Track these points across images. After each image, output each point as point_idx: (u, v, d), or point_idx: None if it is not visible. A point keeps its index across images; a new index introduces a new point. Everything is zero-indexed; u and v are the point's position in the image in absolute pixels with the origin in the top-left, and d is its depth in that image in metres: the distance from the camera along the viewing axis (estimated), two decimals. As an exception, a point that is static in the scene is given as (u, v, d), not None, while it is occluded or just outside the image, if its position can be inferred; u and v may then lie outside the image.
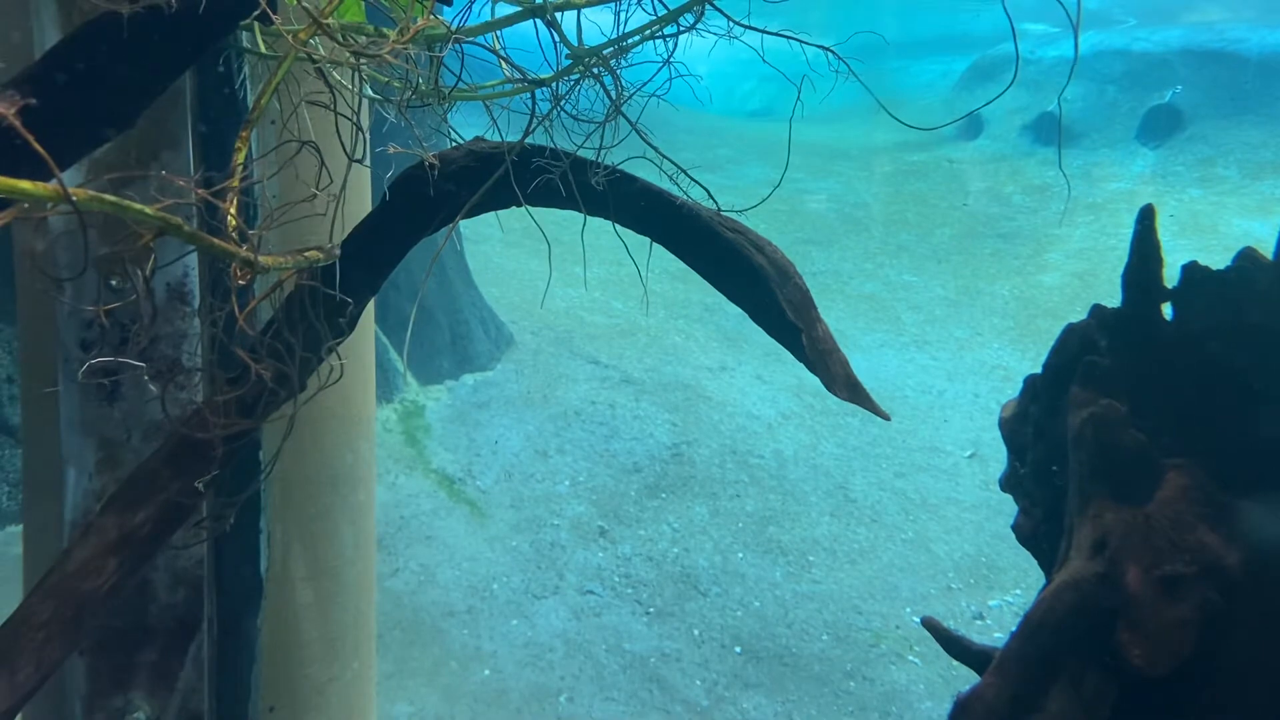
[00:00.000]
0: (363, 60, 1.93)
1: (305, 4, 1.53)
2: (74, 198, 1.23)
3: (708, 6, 2.08)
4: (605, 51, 2.14)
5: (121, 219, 1.38)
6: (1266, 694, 2.31)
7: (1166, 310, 2.72)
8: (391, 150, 2.11)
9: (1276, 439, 2.48)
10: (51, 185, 1.22)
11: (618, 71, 2.17)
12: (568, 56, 2.17)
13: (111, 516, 1.92)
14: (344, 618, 2.97)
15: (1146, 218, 2.73)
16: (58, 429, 2.28)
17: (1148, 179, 13.74)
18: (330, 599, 2.92)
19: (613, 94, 2.13)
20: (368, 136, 2.18)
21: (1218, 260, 2.70)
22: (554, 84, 2.17)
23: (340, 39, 1.73)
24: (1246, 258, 2.61)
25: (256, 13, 1.57)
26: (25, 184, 1.20)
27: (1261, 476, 2.44)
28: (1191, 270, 2.66)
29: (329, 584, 2.91)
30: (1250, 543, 2.36)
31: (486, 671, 5.13)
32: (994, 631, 5.77)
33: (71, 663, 2.20)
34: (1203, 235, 11.88)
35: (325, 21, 1.66)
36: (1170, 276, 2.72)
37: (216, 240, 1.45)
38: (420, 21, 1.83)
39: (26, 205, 1.28)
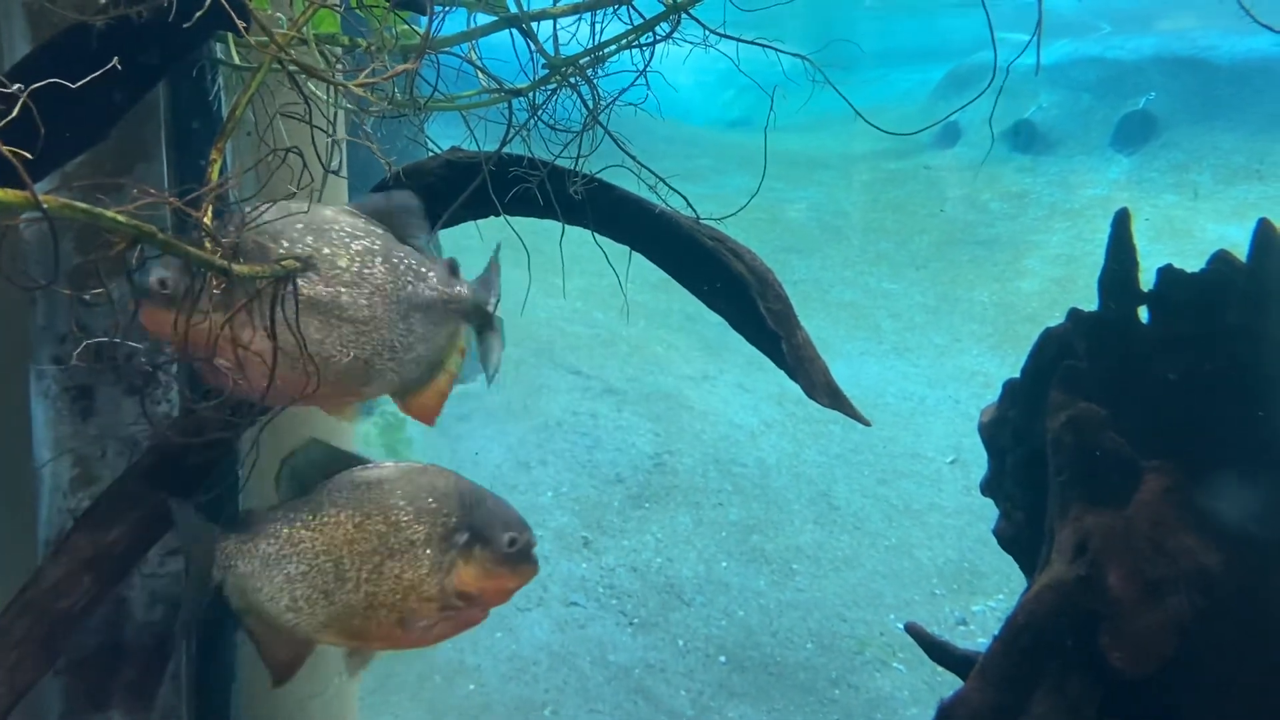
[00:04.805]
0: (338, 75, 1.92)
1: (278, 18, 1.52)
2: (45, 205, 1.22)
3: (685, 16, 2.09)
4: (582, 61, 2.14)
5: (94, 235, 1.36)
6: (1250, 693, 2.32)
7: (1143, 313, 2.73)
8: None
9: (1254, 439, 2.49)
10: (22, 192, 1.20)
11: (595, 81, 2.17)
12: (544, 66, 2.17)
13: (85, 533, 1.90)
14: (325, 633, 2.94)
15: (1122, 222, 2.75)
16: (30, 445, 2.25)
17: (1123, 185, 13.85)
18: (311, 614, 2.88)
19: (590, 103, 2.13)
20: (344, 147, 2.17)
21: (1193, 265, 2.71)
22: (531, 94, 2.17)
23: (309, 52, 1.72)
24: (1221, 261, 2.63)
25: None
26: (-6, 193, 1.18)
27: (1240, 477, 2.46)
28: (1167, 274, 2.68)
29: (309, 599, 2.88)
30: (1230, 543, 2.37)
31: (471, 686, 5.09)
32: (978, 637, 5.78)
33: (47, 682, 2.17)
34: (1178, 240, 11.98)
35: (300, 33, 1.65)
36: (1146, 281, 2.74)
37: (192, 248, 1.43)
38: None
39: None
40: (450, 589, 1.76)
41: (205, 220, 1.52)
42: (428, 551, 1.74)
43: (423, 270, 1.76)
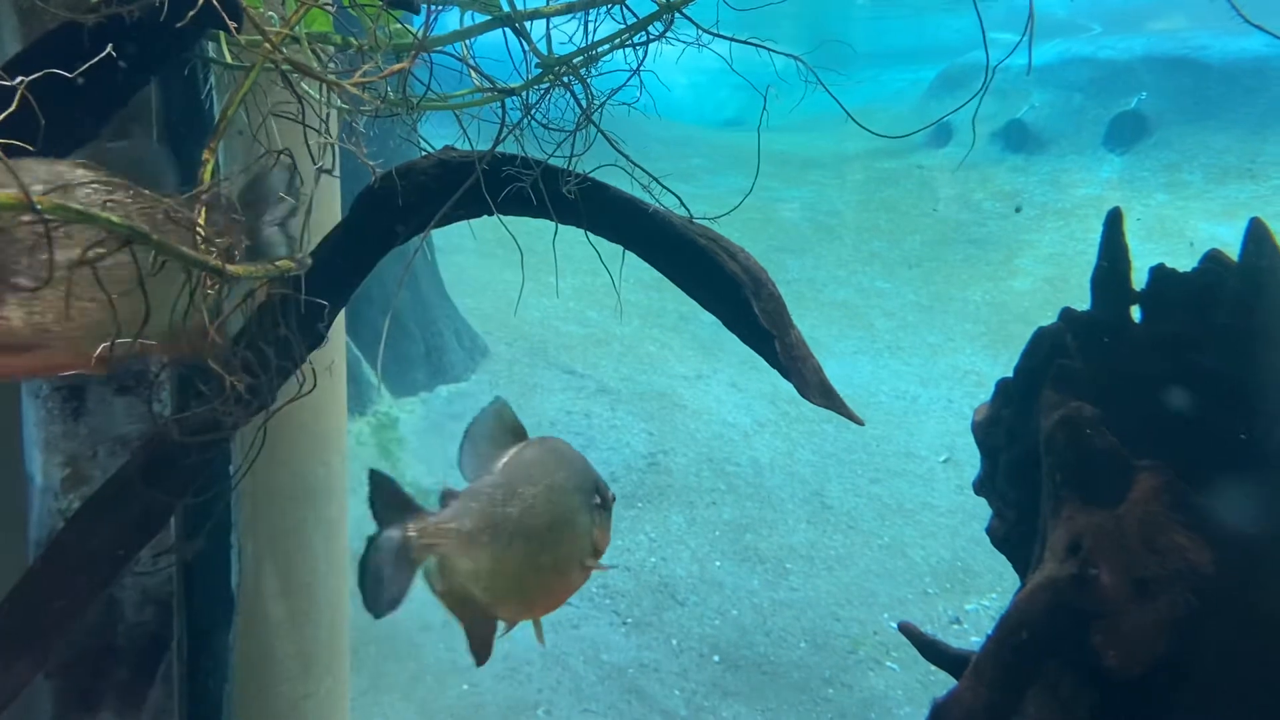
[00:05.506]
0: (331, 74, 1.91)
1: (270, 17, 1.51)
2: (38, 205, 1.21)
3: (678, 16, 2.09)
4: (575, 60, 2.14)
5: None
6: (1243, 692, 2.33)
7: (1135, 313, 2.74)
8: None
9: (1245, 439, 2.50)
10: (14, 192, 1.19)
11: (588, 80, 2.17)
12: (537, 65, 2.17)
13: (77, 533, 1.89)
14: (317, 633, 2.93)
15: (1114, 221, 2.76)
16: (20, 446, 2.24)
17: (1115, 184, 13.90)
18: (303, 615, 2.88)
19: (583, 102, 2.13)
20: (336, 146, 2.17)
21: (1184, 264, 2.72)
22: (524, 93, 2.16)
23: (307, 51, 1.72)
24: (1213, 260, 2.64)
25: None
26: (-16, 194, 1.17)
27: (1231, 476, 2.47)
28: (1160, 273, 2.69)
29: (302, 599, 2.87)
30: (1222, 542, 2.38)
31: (464, 685, 5.08)
32: (971, 636, 5.80)
33: (38, 684, 2.16)
34: (1169, 239, 12.03)
35: (293, 32, 1.65)
36: (1138, 280, 2.75)
37: (185, 249, 1.43)
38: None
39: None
40: (598, 548, 1.93)
41: (199, 220, 1.51)
42: (588, 516, 1.92)
43: (176, 214, 1.65)
